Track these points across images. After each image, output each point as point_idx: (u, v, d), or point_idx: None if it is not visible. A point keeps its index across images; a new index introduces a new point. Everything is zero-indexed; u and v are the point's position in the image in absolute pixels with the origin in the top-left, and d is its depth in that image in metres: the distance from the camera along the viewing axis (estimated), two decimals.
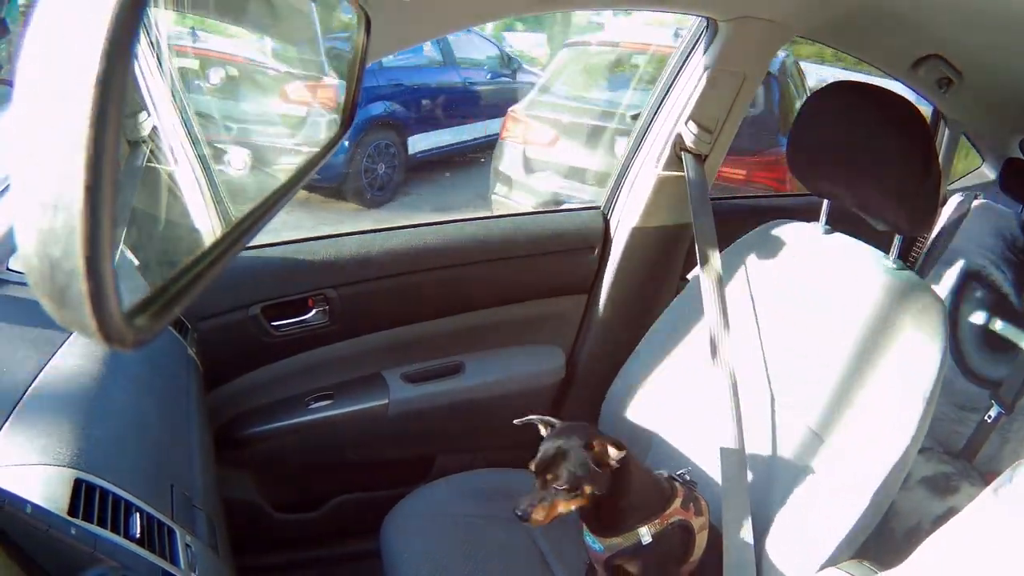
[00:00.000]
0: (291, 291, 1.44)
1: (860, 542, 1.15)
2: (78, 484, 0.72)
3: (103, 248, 0.25)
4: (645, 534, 1.11)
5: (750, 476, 1.21)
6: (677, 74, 1.64)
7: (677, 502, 1.15)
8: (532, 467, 1.09)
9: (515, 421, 1.16)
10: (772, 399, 1.28)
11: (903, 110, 1.17)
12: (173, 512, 0.83)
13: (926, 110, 2.07)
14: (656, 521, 1.12)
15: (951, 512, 1.77)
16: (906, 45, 1.59)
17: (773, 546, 1.18)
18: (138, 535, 0.72)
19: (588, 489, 1.08)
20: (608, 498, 1.10)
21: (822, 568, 1.14)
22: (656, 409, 1.43)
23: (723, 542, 1.16)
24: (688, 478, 1.21)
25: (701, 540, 1.17)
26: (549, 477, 1.07)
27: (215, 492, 1.03)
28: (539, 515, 1.08)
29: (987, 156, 2.27)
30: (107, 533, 0.68)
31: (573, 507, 1.10)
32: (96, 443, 0.81)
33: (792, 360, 1.28)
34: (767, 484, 1.23)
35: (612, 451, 1.07)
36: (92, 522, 0.68)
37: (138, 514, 0.75)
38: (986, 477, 1.83)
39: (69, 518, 0.66)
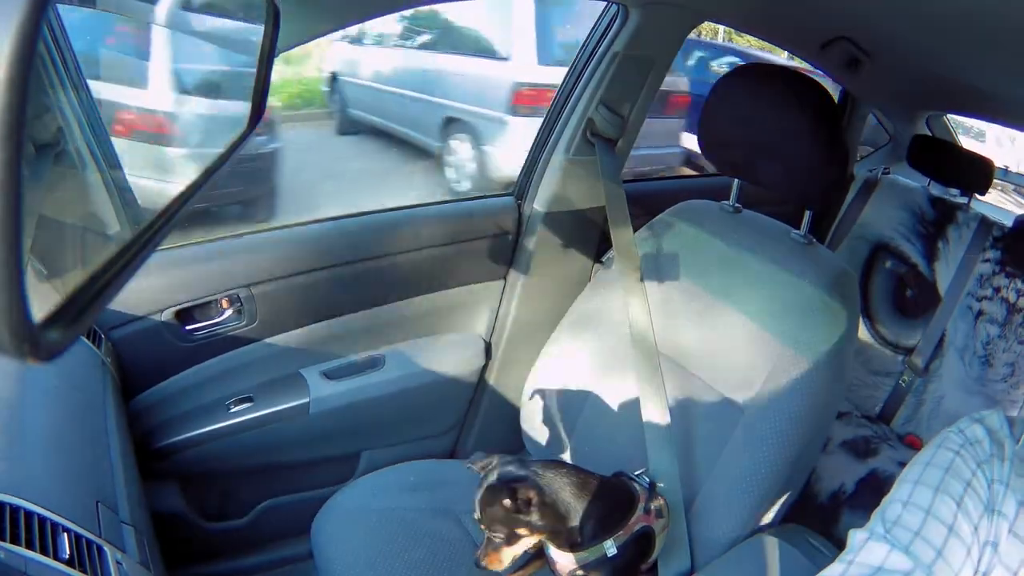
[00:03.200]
0: (203, 293, 1.40)
1: (787, 506, 1.19)
2: (1, 507, 0.69)
3: (10, 258, 0.24)
4: (611, 547, 1.10)
5: (675, 448, 1.24)
6: (588, 59, 1.65)
7: (639, 509, 1.14)
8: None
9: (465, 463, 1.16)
10: (690, 373, 1.32)
11: (810, 89, 1.21)
12: (100, 530, 0.80)
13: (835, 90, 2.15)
14: (620, 532, 1.11)
15: (873, 474, 1.88)
16: (814, 28, 1.63)
17: (703, 515, 1.21)
18: (67, 556, 0.70)
19: (524, 532, 1.07)
20: (557, 524, 1.08)
21: (753, 533, 1.18)
22: (578, 389, 1.45)
23: None
24: (647, 479, 1.21)
25: (661, 541, 1.17)
26: (484, 529, 1.07)
27: (141, 505, 1.00)
28: (495, 564, 1.08)
29: (895, 133, 2.36)
30: (37, 556, 0.67)
31: (527, 547, 1.09)
32: (15, 462, 0.79)
33: (708, 334, 1.32)
34: (692, 455, 1.26)
35: (531, 494, 1.05)
36: (20, 545, 0.66)
37: (66, 534, 0.72)
38: (905, 439, 1.94)
39: None
